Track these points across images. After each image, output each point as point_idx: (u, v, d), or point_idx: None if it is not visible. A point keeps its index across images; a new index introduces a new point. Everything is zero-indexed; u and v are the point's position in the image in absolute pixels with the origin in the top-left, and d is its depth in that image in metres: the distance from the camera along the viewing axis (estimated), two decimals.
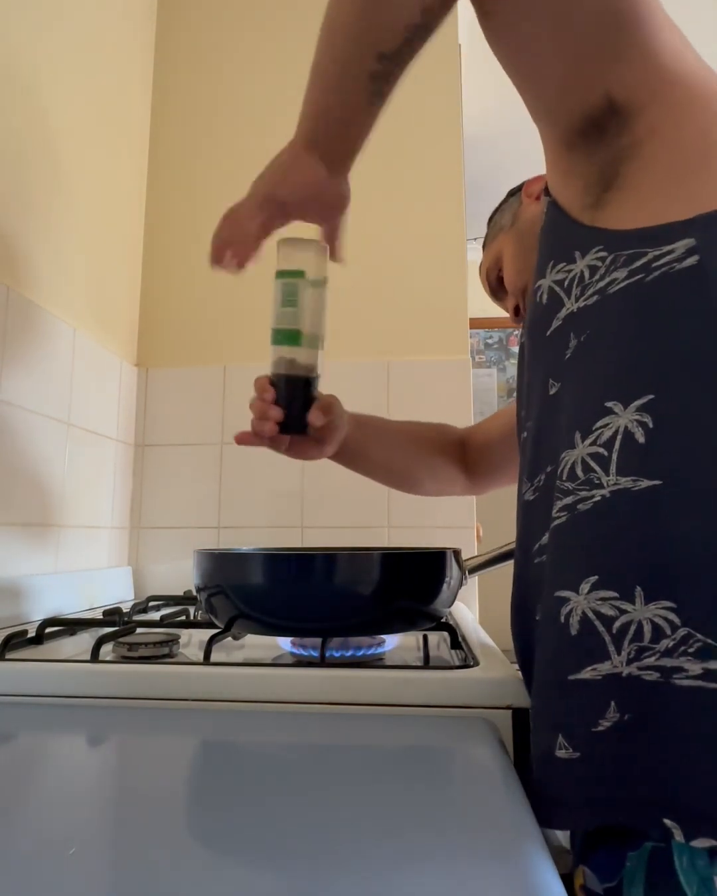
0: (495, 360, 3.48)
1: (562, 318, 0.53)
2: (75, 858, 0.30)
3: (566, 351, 0.52)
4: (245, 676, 0.58)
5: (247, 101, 1.47)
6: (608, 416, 0.47)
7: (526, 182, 0.88)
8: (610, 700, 0.43)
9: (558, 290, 0.54)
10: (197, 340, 1.39)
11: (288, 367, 0.72)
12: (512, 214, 0.87)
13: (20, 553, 0.96)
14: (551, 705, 0.46)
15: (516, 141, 2.66)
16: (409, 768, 0.42)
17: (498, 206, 0.91)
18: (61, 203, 1.10)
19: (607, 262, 0.50)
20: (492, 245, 0.89)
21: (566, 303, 0.53)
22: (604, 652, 0.43)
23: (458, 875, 0.29)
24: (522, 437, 0.61)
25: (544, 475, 0.53)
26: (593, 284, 0.51)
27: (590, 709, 0.43)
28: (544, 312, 0.56)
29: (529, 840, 0.33)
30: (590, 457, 0.47)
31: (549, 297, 0.55)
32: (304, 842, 0.32)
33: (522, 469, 0.58)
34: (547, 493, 0.52)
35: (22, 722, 0.53)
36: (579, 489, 0.47)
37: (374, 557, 0.63)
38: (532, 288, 0.59)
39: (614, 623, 0.43)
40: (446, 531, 1.28)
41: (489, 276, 0.90)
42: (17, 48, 0.98)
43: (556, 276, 0.55)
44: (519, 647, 0.56)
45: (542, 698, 0.47)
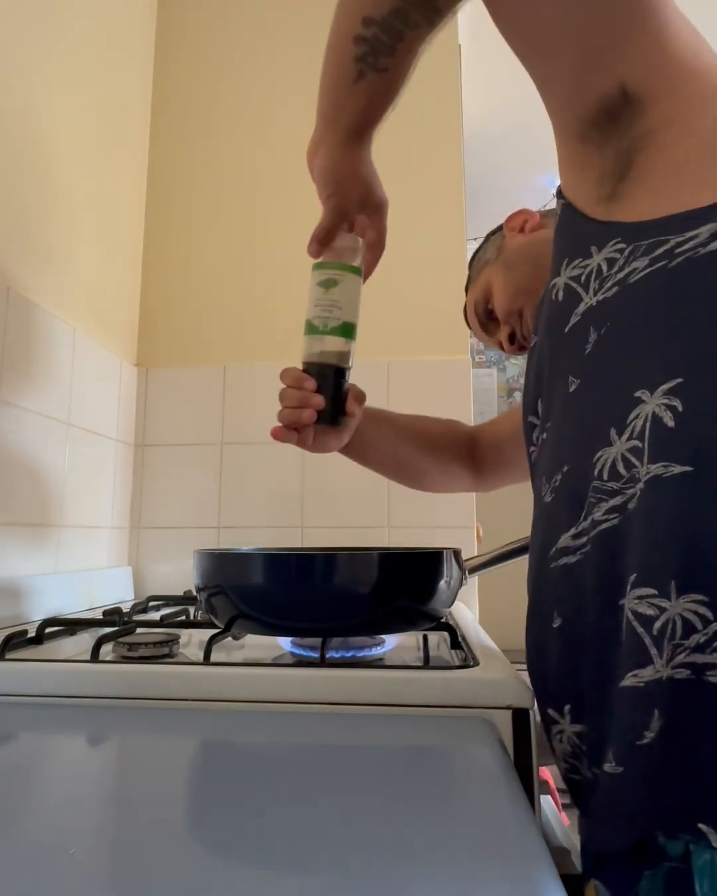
0: (495, 360, 3.48)
1: (581, 314, 0.52)
2: (75, 858, 0.30)
3: (586, 346, 0.51)
4: (245, 676, 0.58)
5: (246, 101, 1.47)
6: (638, 406, 0.45)
7: (507, 218, 0.89)
8: (653, 709, 0.40)
9: (575, 285, 0.53)
10: (197, 340, 1.39)
11: (325, 357, 0.72)
12: (496, 248, 0.87)
13: (20, 553, 0.96)
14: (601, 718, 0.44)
15: (516, 141, 2.66)
16: (409, 768, 0.42)
17: (479, 247, 0.92)
18: (61, 203, 1.10)
19: (625, 254, 0.49)
20: (478, 279, 0.89)
21: (584, 297, 0.52)
22: (646, 656, 0.41)
23: (458, 875, 0.29)
24: (537, 439, 0.59)
25: (560, 475, 0.51)
26: (611, 276, 0.50)
27: (635, 720, 0.41)
28: (561, 310, 0.54)
29: (529, 840, 0.33)
30: (629, 451, 0.45)
31: (565, 293, 0.54)
32: (304, 842, 0.32)
33: (540, 470, 0.56)
34: (566, 494, 0.50)
35: (22, 722, 0.53)
36: (626, 488, 0.45)
37: (374, 557, 0.63)
38: (546, 287, 0.57)
39: (653, 623, 0.41)
40: (446, 531, 1.27)
41: (478, 311, 0.89)
42: (16, 51, 0.98)
43: (571, 272, 0.54)
44: (533, 652, 0.53)
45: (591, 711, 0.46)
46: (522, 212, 0.87)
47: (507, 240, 0.86)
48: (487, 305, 0.88)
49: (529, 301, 0.81)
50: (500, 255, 0.86)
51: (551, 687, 0.51)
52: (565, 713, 0.48)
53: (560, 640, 0.49)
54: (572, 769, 0.49)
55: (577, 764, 0.48)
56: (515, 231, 0.86)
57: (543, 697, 0.52)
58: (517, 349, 0.86)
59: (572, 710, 0.48)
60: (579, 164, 0.55)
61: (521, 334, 0.85)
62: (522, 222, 0.86)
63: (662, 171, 0.49)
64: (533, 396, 0.60)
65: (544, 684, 0.52)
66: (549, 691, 0.51)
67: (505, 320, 0.85)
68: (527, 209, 0.88)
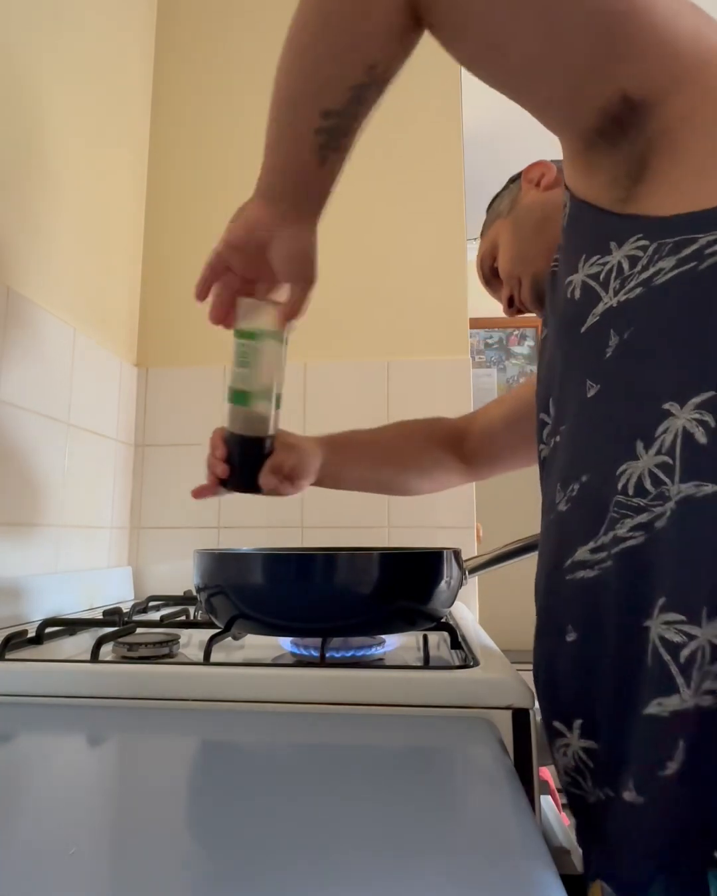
0: (495, 360, 3.48)
1: (599, 314, 0.49)
2: (75, 858, 0.30)
3: (606, 350, 0.48)
4: (245, 676, 0.58)
5: (246, 100, 1.46)
6: (667, 420, 0.43)
7: (526, 167, 0.84)
8: (678, 739, 0.39)
9: (593, 283, 0.50)
10: (197, 340, 1.39)
11: (241, 427, 0.73)
12: (511, 201, 0.83)
13: (20, 553, 0.96)
14: (617, 740, 0.43)
15: (517, 141, 2.66)
16: (409, 768, 0.42)
17: (498, 193, 0.88)
18: (61, 203, 1.10)
19: (649, 252, 0.46)
20: (488, 232, 0.86)
21: (604, 297, 0.49)
22: (671, 685, 0.40)
23: (458, 875, 0.29)
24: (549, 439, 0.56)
25: (578, 484, 0.49)
26: (634, 276, 0.47)
27: (657, 749, 0.40)
28: (578, 308, 0.52)
29: (529, 840, 0.33)
30: (657, 467, 0.43)
31: (582, 291, 0.51)
32: (304, 842, 0.32)
33: (552, 473, 0.54)
34: (585, 505, 0.48)
35: (22, 722, 0.53)
36: (654, 505, 0.43)
37: (374, 557, 0.63)
38: (562, 283, 0.55)
39: (681, 651, 0.39)
40: (446, 531, 1.27)
41: (484, 265, 0.86)
42: (16, 52, 0.98)
43: (589, 269, 0.51)
44: (542, 662, 0.52)
45: (608, 731, 0.45)
46: (541, 163, 0.82)
47: (522, 193, 0.82)
48: (493, 262, 0.85)
49: (527, 269, 0.78)
50: (512, 209, 0.82)
51: (560, 700, 0.50)
52: (574, 728, 0.48)
53: (574, 655, 0.48)
54: (574, 783, 0.48)
55: (580, 779, 0.47)
56: (531, 184, 0.82)
57: (550, 709, 0.51)
58: (515, 312, 0.84)
59: (582, 727, 0.47)
60: (585, 167, 0.52)
61: (519, 300, 0.83)
62: (539, 175, 0.81)
63: (681, 170, 0.47)
64: (545, 394, 0.58)
65: (552, 696, 0.51)
66: (558, 704, 0.50)
67: (506, 282, 0.83)
68: (546, 161, 0.82)
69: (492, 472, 0.95)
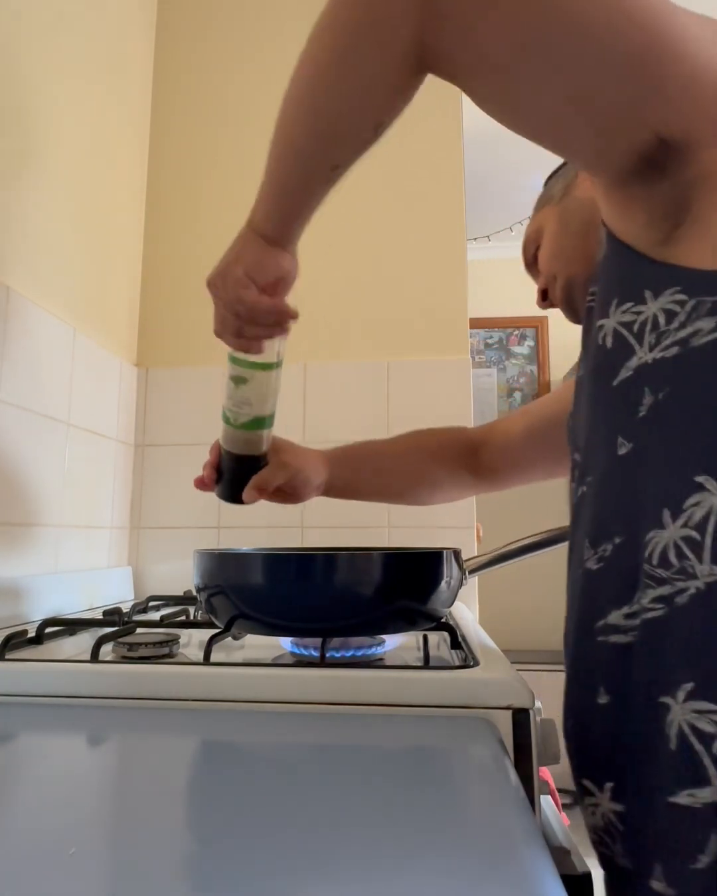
0: (495, 360, 3.48)
1: (633, 369, 0.48)
2: (75, 858, 0.30)
3: (640, 408, 0.47)
4: (245, 676, 0.58)
5: (248, 99, 1.46)
6: (698, 493, 0.42)
7: None
8: (710, 833, 0.38)
9: (626, 333, 0.49)
10: (197, 340, 1.39)
11: (230, 445, 0.76)
12: (564, 186, 0.80)
13: (20, 553, 0.96)
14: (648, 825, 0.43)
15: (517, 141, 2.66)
16: (409, 768, 0.42)
17: (555, 171, 0.84)
18: (61, 204, 1.10)
19: (687, 308, 0.45)
20: (538, 214, 0.82)
21: (638, 351, 0.48)
22: (704, 776, 0.39)
23: (458, 875, 0.29)
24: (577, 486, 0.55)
25: (611, 546, 0.49)
26: (670, 333, 0.46)
27: (689, 840, 0.39)
28: (610, 358, 0.50)
29: (529, 840, 0.33)
30: (683, 541, 0.42)
31: (615, 340, 0.50)
32: (304, 842, 0.32)
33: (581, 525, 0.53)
34: (617, 568, 0.48)
35: (22, 722, 0.53)
36: (676, 579, 0.42)
37: (374, 557, 0.63)
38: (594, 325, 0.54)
39: (713, 743, 0.39)
40: (446, 531, 1.27)
41: (527, 249, 0.83)
42: (16, 51, 0.98)
43: (622, 317, 0.49)
44: (572, 720, 0.52)
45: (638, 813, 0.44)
46: None
47: (577, 182, 0.79)
48: (535, 249, 0.82)
49: (562, 269, 0.76)
50: (563, 197, 0.79)
51: (591, 760, 0.49)
52: (605, 790, 0.47)
53: (606, 719, 0.48)
54: (602, 843, 0.48)
55: (608, 840, 0.47)
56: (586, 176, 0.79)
57: (581, 767, 0.51)
58: (547, 305, 0.82)
59: (613, 789, 0.47)
60: (622, 204, 0.50)
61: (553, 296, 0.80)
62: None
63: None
64: (574, 434, 0.57)
65: (584, 754, 0.51)
66: (589, 764, 0.50)
67: (545, 275, 0.80)
68: None
69: (509, 484, 0.93)
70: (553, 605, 3.26)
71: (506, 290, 3.47)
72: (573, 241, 0.75)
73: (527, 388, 3.44)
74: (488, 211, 3.07)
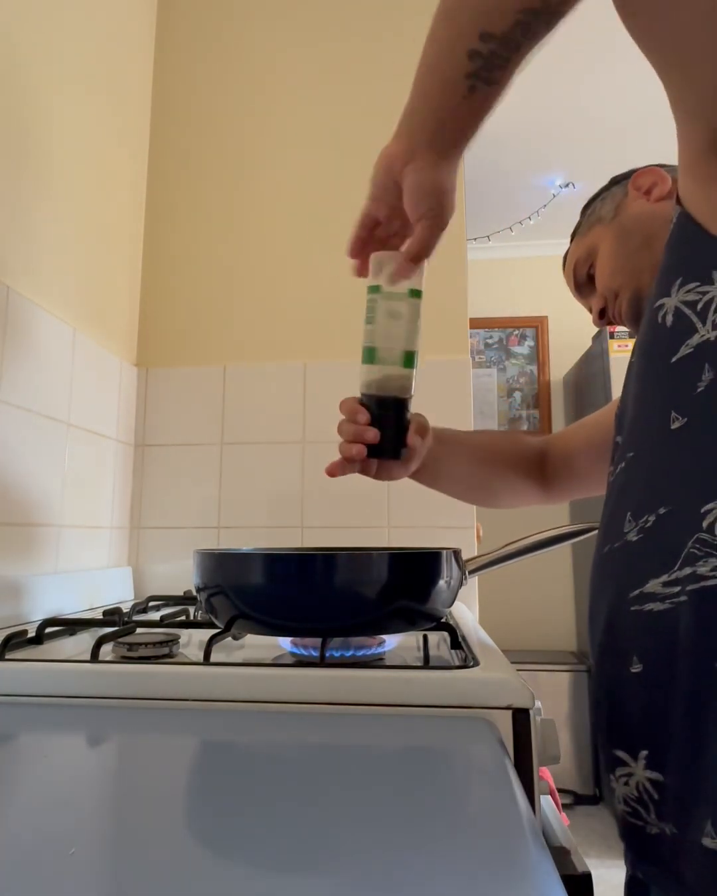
0: (495, 360, 3.48)
1: (694, 346, 0.48)
2: (75, 858, 0.30)
3: (699, 384, 0.47)
4: (245, 676, 0.58)
5: (248, 100, 1.46)
6: None
7: (635, 172, 0.79)
8: None
9: (689, 312, 0.49)
10: (197, 340, 1.39)
11: (382, 389, 0.68)
12: (615, 206, 0.78)
13: (20, 553, 0.96)
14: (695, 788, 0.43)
15: (516, 141, 2.66)
16: (409, 768, 0.42)
17: (598, 194, 0.83)
18: (61, 203, 1.10)
19: None
20: (587, 235, 0.81)
21: (700, 329, 0.48)
22: None
23: (458, 875, 0.29)
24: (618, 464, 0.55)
25: (654, 517, 0.49)
26: None
27: None
28: (669, 336, 0.50)
29: (529, 840, 0.33)
30: None
31: (676, 318, 0.50)
32: (303, 842, 0.32)
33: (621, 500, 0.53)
34: (660, 538, 0.48)
35: (22, 722, 0.53)
36: None
37: (373, 557, 0.63)
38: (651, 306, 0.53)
39: None
40: (446, 531, 1.27)
41: (578, 271, 0.82)
42: (16, 47, 0.98)
43: (685, 296, 0.49)
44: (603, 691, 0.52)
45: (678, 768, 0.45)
46: (653, 171, 0.76)
47: (629, 200, 0.77)
48: (589, 269, 0.81)
49: (629, 284, 0.75)
50: (616, 216, 0.77)
51: (624, 730, 0.49)
52: (639, 758, 0.47)
53: (641, 688, 0.48)
54: (634, 813, 0.48)
55: (641, 810, 0.47)
56: (640, 192, 0.77)
57: (612, 738, 0.51)
58: (605, 324, 0.81)
59: (649, 757, 0.47)
60: (705, 176, 0.49)
61: (613, 314, 0.79)
62: (650, 184, 0.76)
63: None
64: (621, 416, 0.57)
65: (615, 725, 0.51)
66: (621, 733, 0.50)
67: (602, 293, 0.79)
68: (660, 170, 0.77)
69: (569, 494, 0.93)
70: (553, 605, 3.27)
71: (506, 290, 3.47)
72: (638, 253, 0.74)
73: (527, 388, 3.44)
74: (488, 211, 3.07)
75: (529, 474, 0.91)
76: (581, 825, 2.42)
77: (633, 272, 0.74)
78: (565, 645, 3.11)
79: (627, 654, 0.49)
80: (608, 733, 0.51)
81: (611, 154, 2.73)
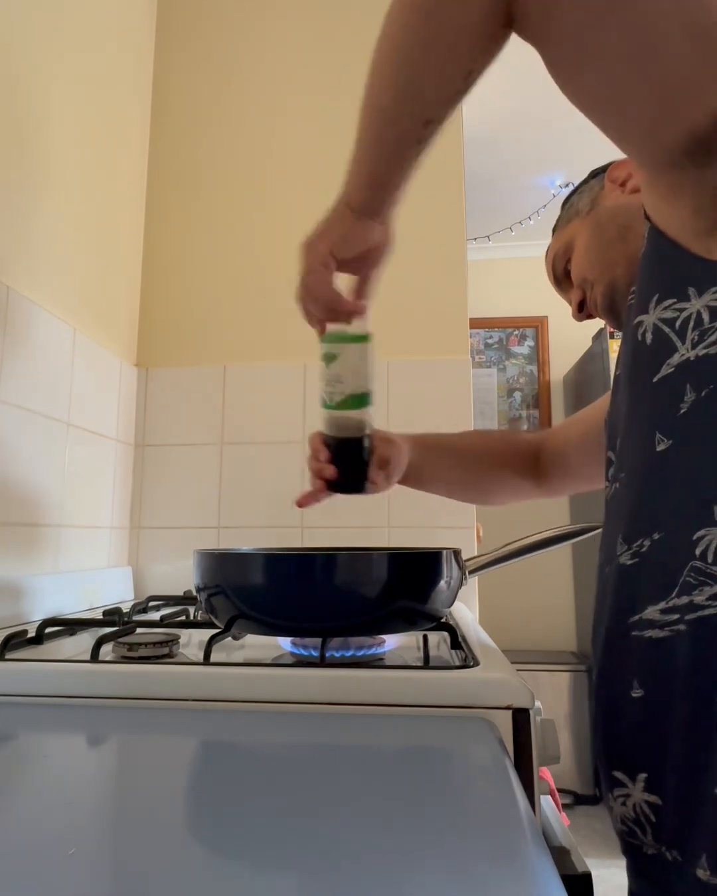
0: (495, 360, 3.48)
1: (675, 366, 0.48)
2: (75, 858, 0.30)
3: (681, 405, 0.48)
4: (245, 676, 0.58)
5: (248, 101, 1.46)
6: None
7: (612, 164, 0.79)
8: None
9: (668, 330, 0.49)
10: (197, 340, 1.39)
11: (336, 430, 0.73)
12: (591, 199, 0.79)
13: (20, 553, 0.96)
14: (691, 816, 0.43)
15: (516, 141, 2.66)
16: (409, 768, 0.42)
17: (577, 188, 0.84)
18: (61, 203, 1.10)
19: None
20: (564, 230, 0.82)
21: (679, 347, 0.48)
22: None
23: (458, 875, 0.29)
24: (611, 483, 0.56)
25: (649, 542, 0.49)
26: (715, 329, 0.46)
27: None
28: (650, 354, 0.50)
29: (529, 840, 0.33)
30: None
31: (655, 337, 0.50)
32: (303, 842, 0.32)
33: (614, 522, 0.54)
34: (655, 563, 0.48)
35: (22, 722, 0.53)
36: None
37: (374, 557, 0.63)
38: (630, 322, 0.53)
39: None
40: (446, 531, 1.27)
41: (556, 265, 0.83)
42: (15, 48, 0.98)
43: (662, 313, 0.49)
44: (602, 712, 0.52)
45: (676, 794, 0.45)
46: (627, 162, 0.77)
47: (605, 192, 0.78)
48: (566, 263, 0.82)
49: (602, 276, 0.75)
50: (592, 208, 0.78)
51: (623, 752, 0.50)
52: (637, 780, 0.48)
53: (641, 712, 0.48)
54: (631, 833, 0.49)
55: (638, 831, 0.48)
56: (615, 184, 0.78)
57: (610, 759, 0.51)
58: (585, 317, 0.81)
59: (647, 780, 0.47)
60: (668, 191, 0.50)
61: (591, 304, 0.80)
62: (626, 176, 0.76)
63: None
64: (611, 433, 0.58)
65: (614, 747, 0.51)
66: (620, 755, 0.50)
67: (579, 285, 0.80)
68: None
69: (566, 489, 0.94)
70: (553, 605, 3.27)
71: (506, 290, 3.47)
72: (610, 247, 0.74)
73: (527, 388, 3.44)
74: (488, 211, 3.07)
75: (522, 470, 0.92)
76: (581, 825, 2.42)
77: (607, 264, 0.74)
78: (565, 645, 3.10)
79: (627, 679, 0.49)
80: (608, 754, 0.52)
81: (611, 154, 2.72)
